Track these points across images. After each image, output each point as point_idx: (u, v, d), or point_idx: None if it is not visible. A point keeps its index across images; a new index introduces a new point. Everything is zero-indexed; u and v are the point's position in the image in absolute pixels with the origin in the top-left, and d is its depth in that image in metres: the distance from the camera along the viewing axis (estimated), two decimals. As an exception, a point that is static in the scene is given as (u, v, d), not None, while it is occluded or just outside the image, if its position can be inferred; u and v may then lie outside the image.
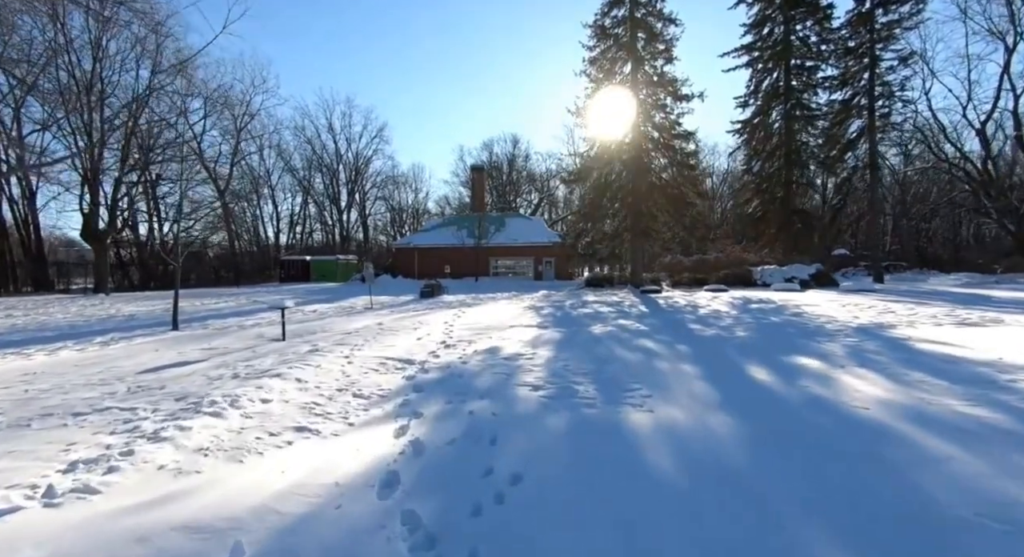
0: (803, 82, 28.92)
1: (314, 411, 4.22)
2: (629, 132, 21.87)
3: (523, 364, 6.04)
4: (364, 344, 8.14)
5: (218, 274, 42.94)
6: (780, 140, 29.20)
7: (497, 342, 7.99)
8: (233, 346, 8.67)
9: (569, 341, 7.81)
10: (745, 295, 16.10)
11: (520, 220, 43.81)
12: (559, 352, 6.81)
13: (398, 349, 7.55)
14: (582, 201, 57.64)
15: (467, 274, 35.45)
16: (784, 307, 12.07)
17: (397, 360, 6.59)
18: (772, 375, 5.02)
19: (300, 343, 8.55)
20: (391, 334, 9.38)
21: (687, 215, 21.51)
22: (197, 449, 3.32)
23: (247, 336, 10.12)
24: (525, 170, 63.84)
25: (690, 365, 5.62)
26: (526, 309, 14.11)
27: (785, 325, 8.94)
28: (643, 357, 6.21)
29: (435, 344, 7.99)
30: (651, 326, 9.34)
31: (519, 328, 9.76)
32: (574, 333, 8.75)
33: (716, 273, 24.61)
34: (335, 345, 8.09)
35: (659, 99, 21.73)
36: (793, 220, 27.99)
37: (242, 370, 6.09)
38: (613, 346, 7.20)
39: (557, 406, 4.12)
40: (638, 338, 7.92)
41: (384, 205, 62.24)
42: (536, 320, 11.22)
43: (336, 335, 9.46)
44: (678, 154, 21.81)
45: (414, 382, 5.31)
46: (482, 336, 8.74)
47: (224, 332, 11.27)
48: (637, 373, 5.30)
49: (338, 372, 5.91)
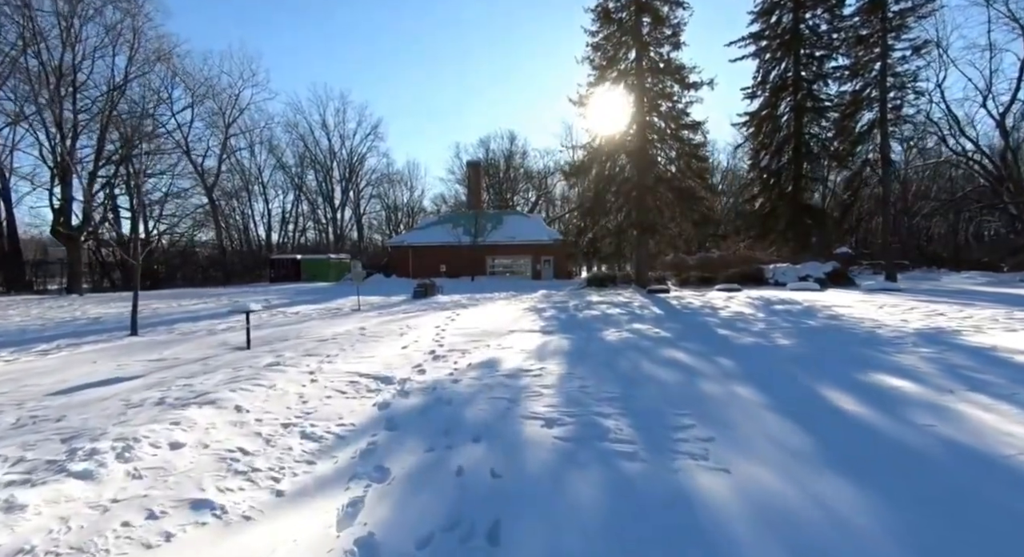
0: (813, 73, 27.75)
1: (236, 465, 2.96)
2: (633, 122, 20.64)
3: (529, 384, 4.80)
4: (338, 355, 6.87)
5: (206, 274, 41.49)
6: (788, 133, 28.04)
7: (495, 352, 6.74)
8: (187, 356, 7.39)
9: (581, 352, 6.56)
10: (763, 295, 14.90)
11: (518, 218, 42.54)
12: (572, 366, 5.56)
13: (376, 362, 6.29)
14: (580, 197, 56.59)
15: (463, 273, 34.16)
16: (813, 308, 10.86)
17: (372, 378, 5.34)
18: (863, 404, 3.79)
19: (264, 352, 7.28)
20: (373, 341, 8.12)
21: (696, 210, 20.28)
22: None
23: (209, 343, 8.83)
24: (522, 167, 62.53)
25: (745, 387, 4.39)
26: (526, 311, 12.87)
27: (828, 330, 7.72)
28: (680, 375, 4.98)
29: (422, 355, 6.73)
30: (673, 332, 8.10)
31: (520, 334, 8.51)
32: (585, 341, 7.50)
33: (724, 271, 23.42)
34: (303, 356, 6.82)
35: (666, 87, 20.51)
36: (802, 216, 26.83)
37: (175, 392, 4.82)
38: (637, 359, 5.96)
39: (583, 457, 2.88)
40: (663, 347, 6.68)
41: (379, 203, 60.86)
42: (539, 324, 9.97)
43: (309, 342, 8.19)
44: (686, 145, 20.59)
45: (387, 412, 4.05)
46: (478, 344, 7.49)
47: (187, 338, 9.99)
48: (680, 399, 4.06)
49: (294, 396, 4.65)
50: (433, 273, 33.53)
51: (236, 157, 46.37)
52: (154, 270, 38.03)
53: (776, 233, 28.16)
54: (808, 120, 27.77)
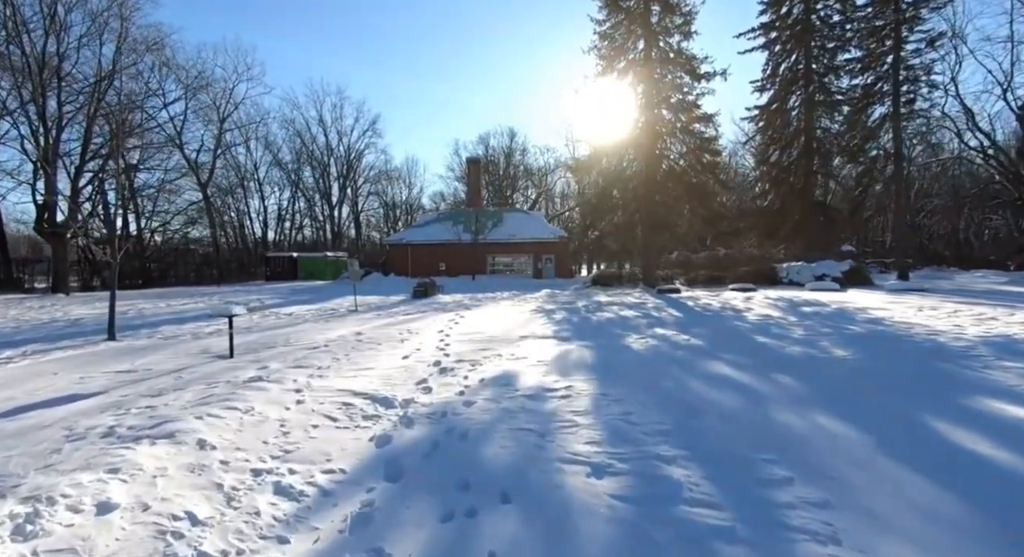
0: (824, 65, 26.94)
1: (175, 548, 2.13)
2: (641, 115, 19.81)
3: (557, 409, 3.99)
4: (330, 366, 6.05)
5: (200, 272, 40.60)
6: (798, 128, 27.24)
7: (509, 363, 5.93)
8: (160, 366, 6.56)
9: (608, 364, 5.75)
10: (782, 295, 14.11)
11: (519, 215, 41.68)
12: (603, 384, 4.75)
13: (374, 376, 5.47)
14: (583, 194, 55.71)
15: (463, 272, 33.31)
16: (845, 311, 10.07)
17: (369, 398, 4.52)
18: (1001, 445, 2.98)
19: (248, 363, 6.45)
20: (370, 349, 7.29)
21: (707, 207, 19.46)
22: None
23: (190, 350, 8.01)
24: (522, 165, 61.67)
25: (830, 417, 3.58)
26: (534, 313, 12.06)
27: (878, 338, 6.92)
28: (739, 397, 4.17)
29: (425, 367, 5.91)
30: (703, 339, 7.29)
31: (533, 340, 7.70)
32: (608, 349, 6.69)
33: (734, 270, 22.65)
34: (291, 368, 6.00)
35: (676, 78, 19.69)
36: (813, 214, 26.03)
37: (131, 419, 4.00)
38: (677, 374, 5.15)
39: (660, 536, 2.07)
40: (701, 359, 5.87)
41: (377, 201, 59.90)
42: (551, 328, 9.16)
43: (300, 350, 7.36)
44: (697, 139, 19.77)
45: (387, 450, 3.24)
46: (488, 353, 6.67)
47: (167, 344, 9.15)
48: (755, 435, 3.26)
49: (273, 424, 3.83)
50: (433, 272, 32.67)
51: (231, 153, 45.42)
52: (146, 268, 37.14)
53: (785, 231, 27.39)
54: (819, 114, 26.98)
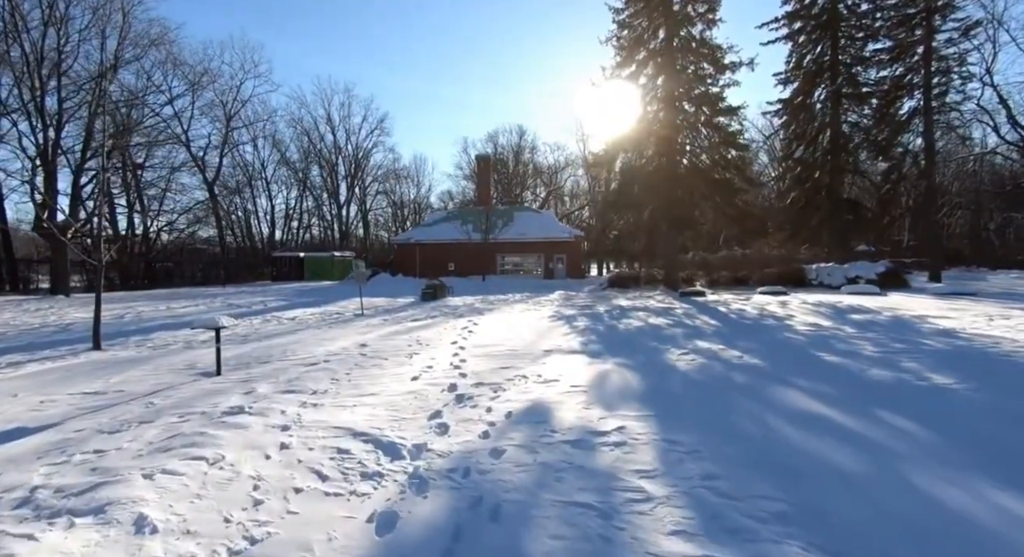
0: (852, 56, 25.69)
1: None
2: (663, 108, 18.76)
3: (615, 467, 3.05)
4: (327, 390, 5.15)
5: (206, 272, 40.06)
6: (824, 122, 26.01)
7: (538, 389, 4.99)
8: (135, 387, 5.71)
9: (659, 391, 4.79)
10: (821, 300, 13.03)
11: (529, 214, 40.70)
12: (664, 424, 3.80)
13: (378, 405, 4.56)
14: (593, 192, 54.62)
15: (473, 272, 32.43)
16: (903, 320, 9.01)
17: (371, 442, 3.60)
18: None
19: (233, 384, 5.57)
20: (375, 366, 6.39)
21: (733, 204, 18.37)
22: None
23: (175, 365, 7.16)
24: (532, 163, 60.72)
25: (1003, 491, 2.61)
26: (553, 319, 11.11)
27: (971, 359, 5.89)
28: (854, 453, 3.19)
29: (439, 392, 4.99)
30: (758, 355, 6.30)
31: (560, 356, 6.76)
32: (651, 369, 5.73)
33: (758, 272, 21.54)
34: (282, 392, 5.12)
35: (699, 69, 18.61)
36: (841, 211, 24.79)
37: (65, 476, 3.12)
38: (751, 408, 4.19)
39: None
40: (770, 386, 4.89)
41: (385, 200, 59.24)
42: (576, 339, 8.21)
43: (296, 366, 6.48)
44: (721, 132, 18.67)
45: (390, 544, 2.31)
46: (510, 372, 5.74)
47: (154, 355, 8.34)
48: (912, 523, 2.29)
49: (244, 486, 2.93)
50: (441, 272, 31.81)
51: (239, 151, 44.92)
52: (153, 269, 36.66)
53: (809, 229, 26.19)
54: (846, 107, 25.74)
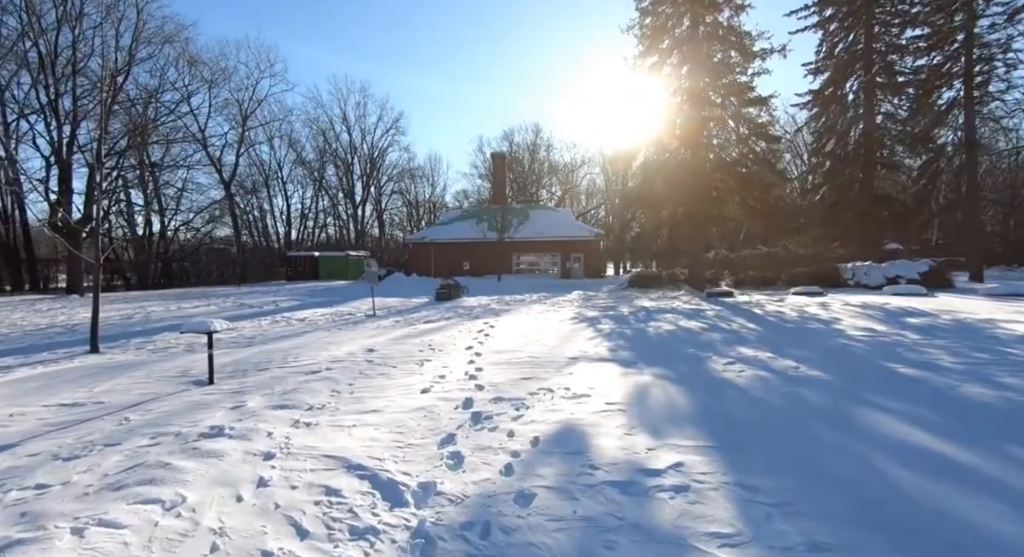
0: (886, 43, 24.38)
1: None
2: (688, 99, 17.85)
3: (682, 526, 2.33)
4: (325, 406, 4.51)
5: (223, 272, 40.16)
6: (857, 114, 24.73)
7: (567, 406, 4.27)
8: (117, 398, 5.14)
9: (715, 412, 4.03)
10: (866, 302, 12.04)
11: (545, 212, 39.94)
12: (733, 459, 3.05)
13: (381, 426, 3.89)
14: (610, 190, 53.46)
15: (488, 271, 31.78)
16: (969, 324, 8.06)
17: (367, 479, 2.93)
18: None
19: (223, 396, 4.97)
20: (382, 375, 5.74)
21: (763, 200, 17.36)
22: None
23: (168, 371, 6.61)
24: (548, 161, 59.86)
25: None
26: (575, 322, 10.37)
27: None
28: (1016, 514, 2.41)
29: (452, 410, 4.31)
30: (817, 366, 5.48)
31: (587, 363, 6.03)
32: (697, 382, 4.96)
33: (787, 271, 20.46)
34: (274, 407, 4.49)
35: (727, 58, 17.65)
36: (876, 208, 23.53)
37: (-8, 516, 2.50)
38: (839, 439, 3.41)
39: None
40: (851, 407, 4.09)
41: (400, 199, 58.95)
42: (604, 344, 7.46)
43: (295, 375, 5.86)
44: (750, 124, 17.68)
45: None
46: (533, 384, 5.03)
47: (152, 359, 7.84)
48: None
49: (200, 544, 2.28)
50: (456, 271, 31.24)
51: (255, 151, 44.98)
52: (168, 268, 36.81)
53: (840, 227, 24.93)
54: (880, 98, 24.43)
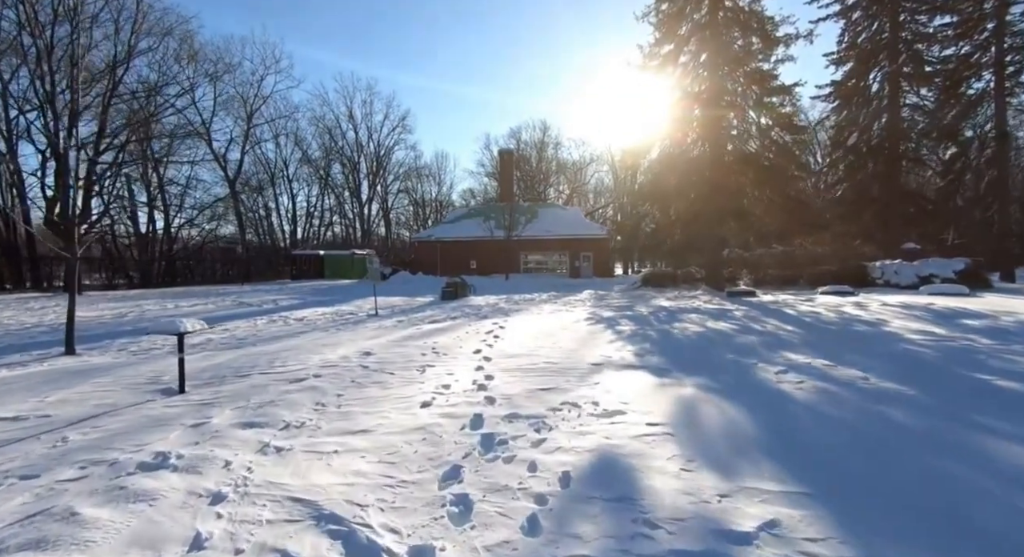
0: (912, 33, 23.31)
1: None
2: (706, 88, 16.96)
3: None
4: (304, 424, 3.72)
5: (226, 270, 39.66)
6: (881, 106, 23.66)
7: (600, 428, 3.46)
8: (67, 411, 4.40)
9: (792, 439, 3.21)
10: (904, 301, 11.12)
11: (554, 210, 39.11)
12: (844, 516, 2.23)
13: (368, 457, 3.10)
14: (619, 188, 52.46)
15: (496, 270, 30.99)
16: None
17: (340, 538, 2.13)
18: None
19: (185, 411, 4.21)
20: (376, 384, 4.96)
21: (787, 194, 16.41)
22: None
23: (140, 377, 5.88)
24: (555, 159, 59.01)
25: None
26: (592, 322, 9.55)
27: None
28: None
29: (457, 433, 3.51)
30: (893, 378, 4.62)
31: (614, 371, 5.22)
32: (753, 397, 4.13)
33: (810, 270, 19.50)
34: (242, 426, 3.71)
35: (748, 44, 16.73)
36: (902, 204, 22.47)
37: None
38: (987, 483, 2.56)
39: None
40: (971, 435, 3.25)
41: (407, 198, 58.32)
42: (629, 348, 6.64)
43: (277, 382, 5.09)
44: (773, 114, 16.74)
45: None
46: (554, 398, 4.23)
47: (127, 363, 7.14)
48: None
49: None
50: (463, 270, 30.48)
51: (261, 149, 44.48)
52: (172, 266, 36.33)
53: (861, 224, 23.86)
54: (906, 89, 23.35)
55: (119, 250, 31.99)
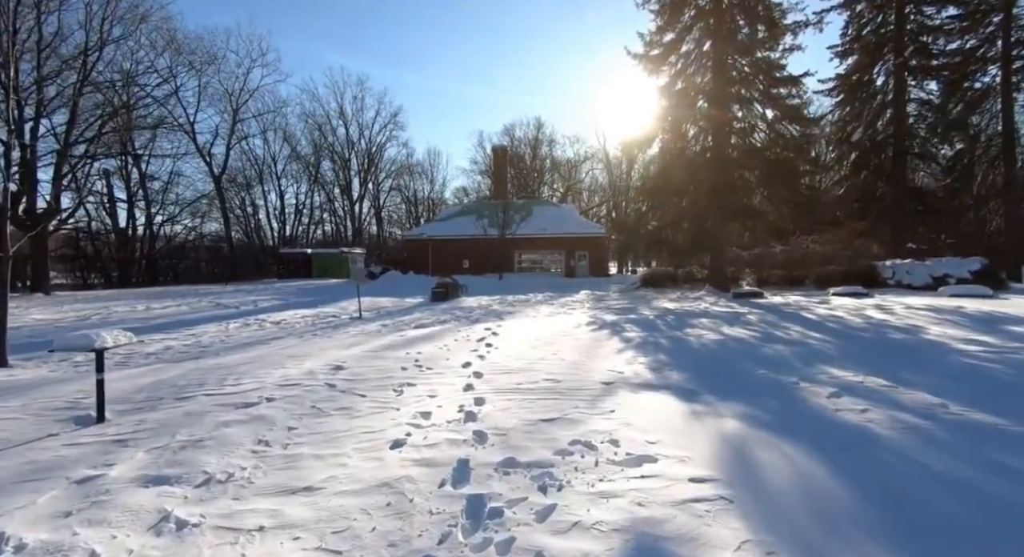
0: (919, 25, 22.64)
1: None
2: (710, 79, 16.13)
3: None
4: (230, 479, 2.79)
5: (210, 269, 38.43)
6: (887, 100, 22.99)
7: (627, 485, 2.56)
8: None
9: (905, 514, 2.31)
10: (930, 304, 10.33)
11: (549, 208, 38.18)
12: None
13: (307, 534, 2.18)
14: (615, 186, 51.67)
15: (488, 270, 30.04)
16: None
17: None
18: None
19: (85, 454, 3.27)
20: (341, 412, 4.03)
21: (797, 190, 15.61)
22: None
23: (57, 400, 4.92)
24: (550, 157, 58.01)
25: None
26: (594, 328, 8.66)
27: None
28: None
29: (432, 494, 2.60)
30: (979, 405, 3.77)
31: (630, 392, 4.33)
32: (814, 432, 3.26)
33: (816, 270, 18.76)
34: (147, 482, 2.78)
35: (754, 31, 15.90)
36: (908, 202, 21.78)
37: None
38: None
39: None
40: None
41: (399, 196, 57.10)
42: (641, 360, 5.76)
43: (221, 409, 4.15)
44: (781, 106, 15.92)
45: None
46: (562, 434, 3.33)
47: (63, 377, 6.16)
48: None
49: None
50: (455, 270, 29.53)
51: (248, 145, 43.17)
52: (154, 265, 35.08)
53: (867, 222, 23.18)
54: (912, 83, 22.69)
55: (96, 248, 30.67)
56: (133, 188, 32.08)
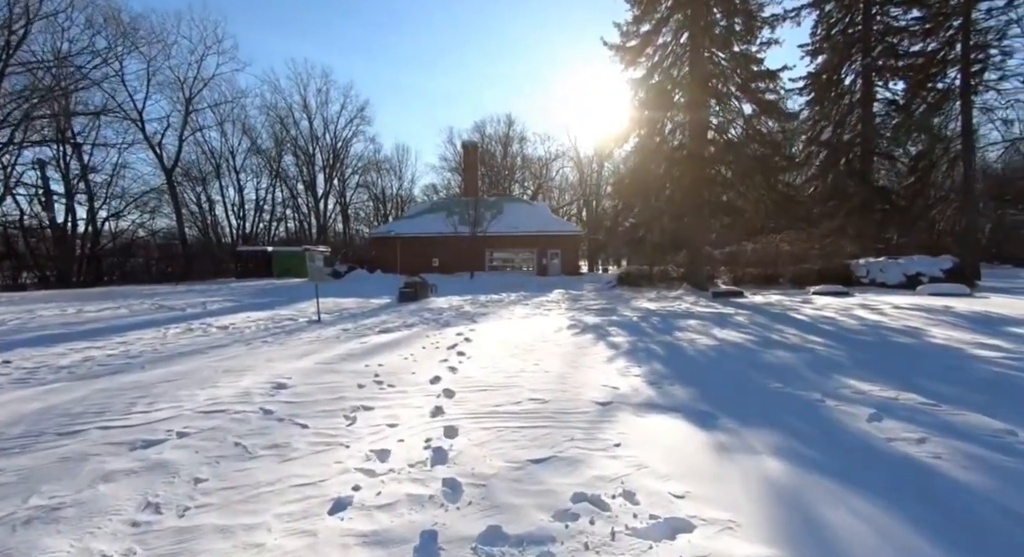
0: (885, 26, 22.93)
1: None
2: (687, 72, 15.69)
3: None
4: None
5: (161, 267, 36.02)
6: (853, 100, 23.22)
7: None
8: None
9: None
10: (916, 303, 10.09)
11: (520, 205, 37.46)
12: None
13: None
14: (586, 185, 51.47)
15: (459, 268, 29.13)
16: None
17: None
18: None
19: None
20: (270, 454, 3.13)
21: (775, 187, 15.35)
22: None
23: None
24: (521, 155, 57.40)
25: None
26: (577, 332, 7.94)
27: None
28: None
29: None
30: (991, 411, 3.18)
31: (633, 414, 3.59)
32: (876, 473, 2.58)
33: (790, 269, 18.69)
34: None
35: (731, 24, 15.53)
36: (876, 201, 22.04)
37: None
38: None
39: None
40: None
41: (366, 193, 55.33)
42: (635, 371, 5.05)
43: (108, 451, 3.18)
44: (758, 100, 15.63)
45: None
46: (559, 483, 2.54)
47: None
48: None
49: None
50: (424, 268, 28.47)
51: (203, 137, 40.73)
52: (98, 264, 32.54)
53: (836, 221, 23.40)
54: (879, 84, 22.97)
55: (28, 245, 28.11)
56: (73, 180, 29.55)
